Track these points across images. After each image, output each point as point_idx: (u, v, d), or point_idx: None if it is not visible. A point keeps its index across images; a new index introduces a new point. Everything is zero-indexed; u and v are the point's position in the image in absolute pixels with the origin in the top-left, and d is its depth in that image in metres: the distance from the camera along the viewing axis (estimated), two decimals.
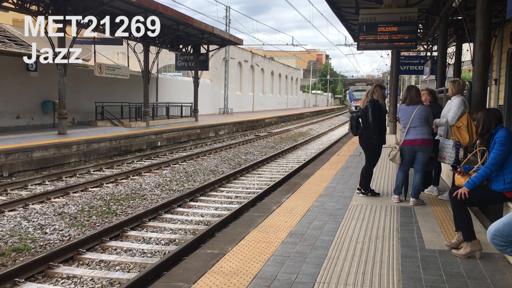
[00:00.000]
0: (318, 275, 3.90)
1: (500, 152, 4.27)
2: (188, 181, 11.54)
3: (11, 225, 7.35)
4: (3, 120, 18.37)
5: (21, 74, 18.87)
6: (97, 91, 23.13)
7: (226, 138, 23.22)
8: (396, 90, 20.68)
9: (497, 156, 4.27)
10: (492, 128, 4.44)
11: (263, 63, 55.31)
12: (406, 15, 11.97)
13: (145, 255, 6.24)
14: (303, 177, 8.85)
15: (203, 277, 3.89)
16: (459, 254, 4.38)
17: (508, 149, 4.28)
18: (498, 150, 4.29)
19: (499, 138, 4.33)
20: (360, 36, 12.20)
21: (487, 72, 7.78)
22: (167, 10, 18.89)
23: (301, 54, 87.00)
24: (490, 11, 7.36)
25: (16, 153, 12.17)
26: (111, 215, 8.24)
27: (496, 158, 4.27)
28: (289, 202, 6.67)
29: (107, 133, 17.54)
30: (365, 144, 7.13)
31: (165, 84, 31.19)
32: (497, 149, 4.30)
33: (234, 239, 4.92)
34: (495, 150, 4.31)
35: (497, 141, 4.33)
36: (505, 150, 4.28)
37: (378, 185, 7.91)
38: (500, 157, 4.27)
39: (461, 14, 11.69)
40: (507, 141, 4.29)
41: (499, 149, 4.29)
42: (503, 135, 4.33)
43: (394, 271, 3.98)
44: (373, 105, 6.85)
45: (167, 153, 17.01)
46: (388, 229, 5.26)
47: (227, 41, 28.00)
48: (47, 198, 9.24)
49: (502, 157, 4.28)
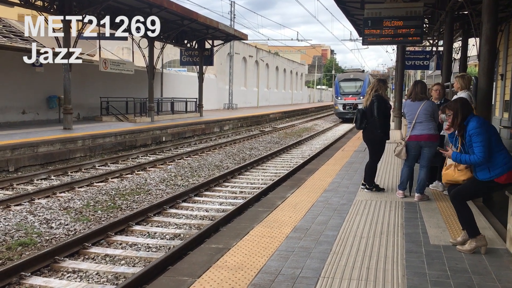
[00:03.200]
0: (323, 270, 3.90)
1: (482, 142, 4.21)
2: (193, 176, 11.56)
3: (17, 220, 7.40)
4: (8, 116, 18.46)
5: (27, 70, 18.92)
6: (102, 87, 23.18)
7: (231, 133, 23.23)
8: (402, 85, 20.58)
9: (481, 147, 4.20)
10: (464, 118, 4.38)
11: (268, 58, 55.18)
12: (412, 10, 11.88)
13: (150, 249, 6.27)
14: (308, 172, 8.84)
15: (207, 271, 3.90)
16: (464, 249, 4.37)
17: (487, 137, 4.22)
18: (479, 142, 4.22)
19: (472, 129, 4.27)
20: (365, 31, 12.13)
21: (493, 67, 7.72)
22: (171, 5, 18.88)
23: (306, 49, 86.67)
24: (496, 6, 7.30)
25: (22, 148, 12.23)
26: (116, 210, 8.27)
27: (482, 150, 4.20)
28: (293, 197, 6.67)
29: (112, 128, 17.59)
30: (369, 139, 7.11)
31: (170, 80, 31.20)
32: (477, 142, 4.23)
33: (238, 234, 4.93)
34: (477, 143, 4.23)
35: (472, 133, 4.27)
36: (484, 139, 4.21)
37: (383, 180, 7.90)
38: (484, 148, 4.20)
39: (467, 9, 11.62)
40: (482, 130, 4.23)
41: (478, 140, 4.23)
42: (475, 126, 4.27)
43: (398, 266, 3.98)
44: (379, 99, 6.81)
45: (172, 148, 17.05)
46: (393, 225, 5.25)
47: (232, 36, 27.95)
48: (53, 193, 9.29)
49: (487, 146, 4.20)
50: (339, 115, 34.51)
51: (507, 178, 4.26)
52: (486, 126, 4.30)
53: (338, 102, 33.89)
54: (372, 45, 23.79)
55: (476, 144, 4.24)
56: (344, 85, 34.14)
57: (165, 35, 23.32)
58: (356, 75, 34.83)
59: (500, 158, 4.24)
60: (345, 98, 33.15)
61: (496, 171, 4.25)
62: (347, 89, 33.74)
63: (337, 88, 34.66)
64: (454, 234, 4.83)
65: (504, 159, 4.25)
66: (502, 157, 4.24)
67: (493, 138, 4.28)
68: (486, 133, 4.24)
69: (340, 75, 38.61)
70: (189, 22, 22.02)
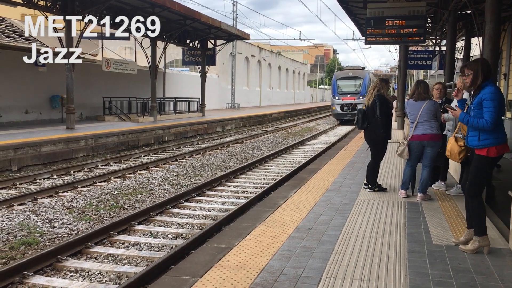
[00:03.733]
0: (325, 270, 3.90)
1: (494, 108, 4.12)
2: (195, 176, 11.57)
3: (20, 219, 7.42)
4: (11, 115, 18.50)
5: (29, 70, 18.95)
6: (104, 86, 23.21)
7: (233, 133, 23.23)
8: (404, 85, 20.55)
9: (492, 113, 4.13)
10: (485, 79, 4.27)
11: (270, 58, 55.17)
12: (415, 9, 11.88)
13: (153, 249, 6.27)
14: (310, 172, 8.84)
15: (210, 271, 3.90)
16: (466, 249, 4.35)
17: (499, 104, 4.15)
18: (492, 107, 4.13)
19: (488, 94, 4.17)
20: (368, 30, 12.14)
21: (496, 66, 7.72)
22: (174, 5, 18.89)
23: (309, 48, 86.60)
24: (499, 5, 7.29)
25: (25, 147, 12.26)
26: (118, 209, 8.29)
27: (493, 116, 4.13)
28: (296, 197, 6.67)
29: (114, 128, 17.61)
30: (371, 139, 7.10)
31: (172, 79, 31.22)
32: (489, 107, 4.14)
33: (241, 233, 4.93)
34: (489, 108, 4.14)
35: (486, 97, 4.18)
36: (497, 105, 4.13)
37: (385, 180, 7.89)
38: (495, 114, 4.12)
39: (470, 8, 11.59)
40: (495, 96, 4.15)
41: (491, 105, 4.14)
42: (492, 90, 4.18)
43: (401, 266, 3.97)
44: (381, 99, 6.80)
45: (175, 148, 17.06)
46: (395, 224, 5.24)
47: (234, 36, 27.95)
48: (56, 192, 9.31)
49: (497, 113, 4.13)
50: (336, 117, 31.72)
51: (495, 151, 4.23)
52: (500, 94, 4.21)
53: (335, 102, 30.82)
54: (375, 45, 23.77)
55: (488, 109, 4.15)
56: (342, 84, 31.12)
57: (167, 35, 23.35)
58: (355, 72, 31.71)
59: (494, 130, 4.22)
60: (343, 98, 30.23)
61: (486, 141, 4.23)
62: (346, 88, 30.86)
63: (334, 86, 31.52)
64: (457, 234, 4.82)
65: (496, 133, 4.22)
66: (496, 130, 4.22)
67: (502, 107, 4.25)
68: (500, 100, 4.17)
69: (338, 72, 34.76)
70: (191, 22, 22.03)
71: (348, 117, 29.38)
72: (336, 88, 31.04)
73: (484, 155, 4.26)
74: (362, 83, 30.43)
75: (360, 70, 32.69)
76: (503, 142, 4.27)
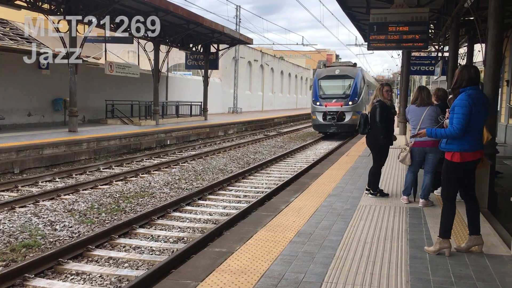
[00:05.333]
0: (326, 275, 3.89)
1: (460, 115, 4.13)
2: (197, 180, 11.57)
3: (22, 221, 7.43)
4: (14, 118, 18.55)
5: (33, 72, 19.04)
6: (107, 90, 23.28)
7: (235, 137, 23.24)
8: (407, 91, 20.53)
9: (459, 119, 4.14)
10: (462, 86, 4.27)
11: (273, 62, 55.22)
12: (417, 15, 11.90)
13: (154, 252, 6.27)
14: (312, 177, 8.83)
15: (211, 275, 3.90)
16: (429, 250, 4.46)
17: (468, 111, 4.11)
18: (458, 114, 4.15)
19: (457, 100, 4.19)
20: (371, 36, 12.15)
21: (499, 73, 7.71)
22: (177, 9, 18.96)
23: (311, 54, 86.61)
24: (502, 12, 7.29)
25: (27, 150, 12.29)
26: (120, 212, 8.29)
27: (459, 122, 4.13)
28: (297, 202, 6.66)
29: (117, 131, 17.64)
30: (372, 144, 7.10)
31: (175, 83, 31.28)
32: (456, 113, 4.16)
33: (242, 238, 4.93)
34: (456, 115, 4.17)
35: (456, 103, 4.20)
36: (464, 113, 4.11)
37: (387, 185, 7.88)
38: (462, 121, 4.12)
39: (473, 15, 11.59)
40: (464, 103, 4.13)
41: (458, 112, 4.15)
42: (460, 98, 4.18)
43: (402, 272, 3.96)
44: (381, 105, 6.81)
45: (176, 152, 17.07)
46: (397, 230, 5.23)
47: (237, 40, 28.01)
48: (57, 195, 9.32)
49: (465, 121, 4.12)
50: (317, 128, 23.71)
51: (459, 157, 4.26)
52: (473, 101, 4.15)
53: (316, 110, 22.72)
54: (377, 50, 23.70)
55: (457, 115, 4.17)
56: (326, 85, 23.17)
57: (170, 39, 23.41)
58: (343, 70, 23.47)
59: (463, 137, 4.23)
60: (326, 104, 22.38)
61: (449, 145, 4.29)
62: (330, 90, 23.00)
63: (316, 88, 23.30)
64: (459, 240, 4.81)
65: (463, 140, 4.23)
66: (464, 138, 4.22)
67: (479, 115, 4.20)
68: (469, 108, 4.13)
69: (321, 70, 24.76)
70: (194, 26, 22.10)
71: (333, 130, 22.52)
72: (318, 90, 23.06)
73: (448, 159, 4.36)
74: (353, 84, 22.71)
75: (351, 67, 24.06)
76: (468, 149, 4.27)
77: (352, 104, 22.19)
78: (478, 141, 4.32)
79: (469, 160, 4.29)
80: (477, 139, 4.31)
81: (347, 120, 22.02)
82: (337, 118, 22.11)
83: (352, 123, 21.47)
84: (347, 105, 22.13)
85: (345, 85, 23.03)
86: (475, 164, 4.40)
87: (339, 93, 22.84)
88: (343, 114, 22.11)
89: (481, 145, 4.37)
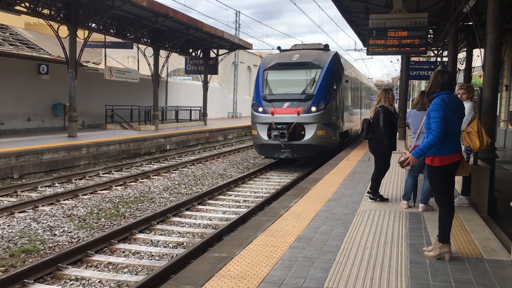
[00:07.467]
0: (326, 280, 3.88)
1: (437, 119, 4.21)
2: (197, 185, 11.56)
3: (21, 227, 7.41)
4: (14, 123, 18.56)
5: (33, 77, 19.07)
6: (107, 95, 23.31)
7: (235, 142, 23.25)
8: (406, 96, 20.55)
9: (436, 123, 4.22)
10: (436, 91, 4.38)
11: None
12: (416, 20, 11.94)
13: (153, 258, 6.26)
14: (312, 182, 8.83)
15: (210, 280, 3.89)
16: (429, 255, 4.43)
17: (444, 114, 4.20)
18: (434, 118, 4.24)
19: (432, 105, 4.30)
20: (370, 41, 12.19)
21: (498, 78, 7.73)
22: (177, 14, 19.01)
23: None
24: (501, 17, 7.32)
25: (27, 155, 12.28)
26: (119, 217, 8.28)
27: (438, 125, 4.21)
28: (297, 207, 6.65)
29: (116, 136, 17.64)
30: (375, 149, 7.10)
31: (174, 88, 31.32)
32: (433, 117, 4.25)
33: (241, 243, 4.92)
34: (432, 119, 4.26)
35: (431, 108, 4.30)
36: (441, 116, 4.20)
37: (387, 190, 7.87)
38: (440, 124, 4.20)
39: (472, 20, 11.62)
40: (439, 107, 4.23)
41: (433, 116, 4.25)
42: (434, 102, 4.30)
43: (402, 277, 3.95)
44: (384, 110, 6.81)
45: (176, 157, 17.07)
46: (397, 235, 5.22)
47: (237, 45, 28.07)
48: (57, 200, 9.31)
49: (443, 123, 4.20)
50: (259, 150, 14.33)
51: (438, 161, 4.32)
52: (446, 105, 4.25)
53: (257, 120, 13.82)
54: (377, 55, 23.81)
55: (434, 119, 4.25)
56: (274, 78, 14.33)
57: (170, 44, 23.46)
58: (305, 55, 14.50)
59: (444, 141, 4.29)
60: (273, 110, 13.42)
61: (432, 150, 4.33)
62: (281, 87, 14.20)
63: (258, 85, 14.29)
64: (458, 245, 4.80)
65: (442, 144, 4.27)
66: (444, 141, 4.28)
67: (453, 118, 4.29)
68: (444, 111, 4.22)
69: (271, 56, 15.77)
70: (194, 31, 22.16)
71: (285, 155, 13.50)
72: (262, 87, 14.20)
73: (429, 163, 4.43)
74: (319, 78, 13.74)
75: (319, 51, 14.97)
76: (445, 153, 4.32)
77: (317, 111, 13.23)
78: (454, 144, 4.39)
79: (449, 163, 4.36)
80: (454, 143, 4.38)
81: (308, 139, 13.15)
82: (290, 135, 13.06)
83: (317, 143, 13.24)
84: (308, 113, 13.26)
85: (307, 79, 13.99)
86: (455, 167, 4.45)
87: (295, 92, 13.82)
88: (302, 127, 13.25)
89: (458, 148, 4.45)
